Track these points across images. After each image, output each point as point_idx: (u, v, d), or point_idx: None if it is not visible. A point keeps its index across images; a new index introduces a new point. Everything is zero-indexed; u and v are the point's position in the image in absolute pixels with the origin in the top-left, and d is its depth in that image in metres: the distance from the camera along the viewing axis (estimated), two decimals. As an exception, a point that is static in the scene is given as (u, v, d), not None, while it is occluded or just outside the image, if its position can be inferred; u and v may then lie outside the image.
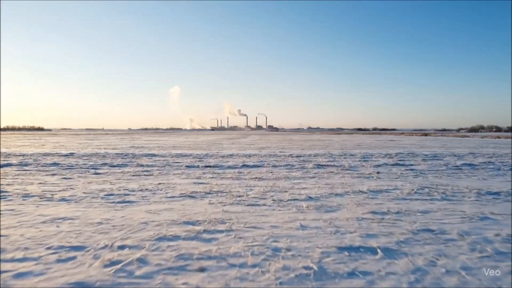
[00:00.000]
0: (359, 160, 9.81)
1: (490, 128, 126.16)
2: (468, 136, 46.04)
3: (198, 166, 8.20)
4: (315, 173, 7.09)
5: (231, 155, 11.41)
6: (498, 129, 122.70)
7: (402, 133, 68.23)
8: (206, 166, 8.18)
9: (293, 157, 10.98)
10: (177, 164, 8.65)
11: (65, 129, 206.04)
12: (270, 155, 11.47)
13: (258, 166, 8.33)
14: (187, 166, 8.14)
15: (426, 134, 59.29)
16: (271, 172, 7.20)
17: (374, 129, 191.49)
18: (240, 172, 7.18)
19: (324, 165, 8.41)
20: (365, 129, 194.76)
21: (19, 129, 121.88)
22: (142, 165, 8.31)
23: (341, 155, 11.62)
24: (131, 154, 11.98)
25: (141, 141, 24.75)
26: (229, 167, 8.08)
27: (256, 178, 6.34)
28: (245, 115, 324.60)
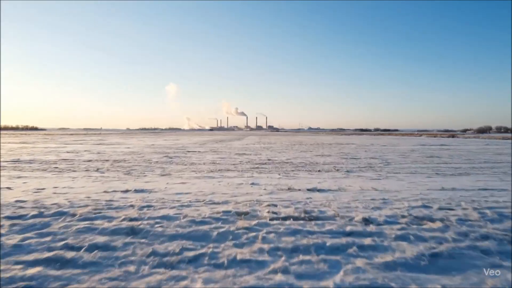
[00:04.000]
0: None
1: (499, 129, 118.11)
2: (510, 138, 37.47)
3: None
4: None
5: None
6: (506, 130, 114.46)
7: (421, 135, 59.65)
8: None
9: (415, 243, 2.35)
10: None
11: (63, 128, 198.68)
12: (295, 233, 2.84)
13: None
14: None
15: (453, 136, 50.61)
16: None
17: (376, 129, 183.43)
18: None
19: None
20: (366, 130, 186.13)
21: (12, 128, 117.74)
22: None
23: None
24: None
25: (79, 146, 16.02)
26: None
27: None
28: (245, 114, 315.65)
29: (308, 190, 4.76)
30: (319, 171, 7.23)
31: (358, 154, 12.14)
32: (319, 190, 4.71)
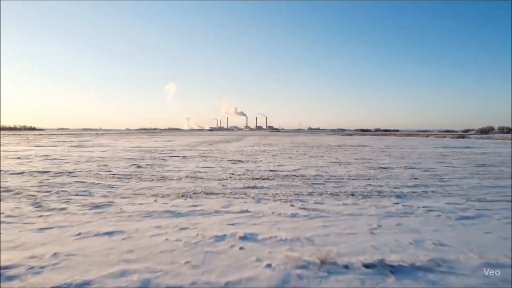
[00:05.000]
0: None
1: (501, 129, 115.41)
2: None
3: None
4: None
5: None
6: (509, 130, 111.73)
7: (428, 135, 57.04)
8: None
9: None
10: None
11: (62, 129, 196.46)
12: None
13: None
14: None
15: (462, 136, 47.98)
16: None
17: (377, 129, 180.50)
18: None
19: None
20: (367, 130, 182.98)
21: (10, 128, 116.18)
22: None
23: None
24: None
25: (47, 149, 13.35)
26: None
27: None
28: (244, 114, 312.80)
29: (367, 267, 2.10)
30: (352, 195, 4.58)
31: (383, 161, 9.49)
32: (393, 271, 2.05)
